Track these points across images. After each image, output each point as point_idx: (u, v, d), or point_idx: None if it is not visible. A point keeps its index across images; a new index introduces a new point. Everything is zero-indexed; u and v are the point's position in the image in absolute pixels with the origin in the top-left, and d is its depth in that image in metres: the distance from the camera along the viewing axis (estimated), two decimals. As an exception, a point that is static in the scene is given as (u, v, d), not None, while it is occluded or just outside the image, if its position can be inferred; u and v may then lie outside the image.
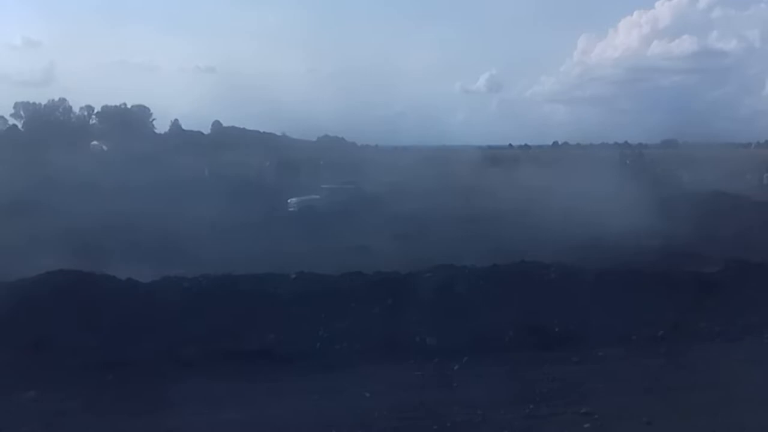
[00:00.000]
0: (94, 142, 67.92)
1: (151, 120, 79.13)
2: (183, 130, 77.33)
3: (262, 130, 72.97)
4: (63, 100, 76.44)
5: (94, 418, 8.38)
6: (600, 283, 12.77)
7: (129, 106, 77.52)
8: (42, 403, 8.77)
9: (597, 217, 22.95)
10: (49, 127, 69.62)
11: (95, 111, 77.79)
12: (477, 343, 10.74)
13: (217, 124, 78.88)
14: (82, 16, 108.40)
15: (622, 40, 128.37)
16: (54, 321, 10.53)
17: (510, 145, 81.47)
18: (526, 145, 75.96)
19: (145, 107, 78.17)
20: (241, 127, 75.04)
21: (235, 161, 52.96)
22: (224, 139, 68.71)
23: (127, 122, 73.46)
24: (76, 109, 77.63)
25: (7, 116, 72.99)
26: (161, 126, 79.89)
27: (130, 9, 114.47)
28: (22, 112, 74.36)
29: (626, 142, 73.39)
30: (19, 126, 73.84)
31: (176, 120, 79.24)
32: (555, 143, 76.27)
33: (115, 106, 76.96)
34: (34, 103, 75.51)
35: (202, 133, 76.73)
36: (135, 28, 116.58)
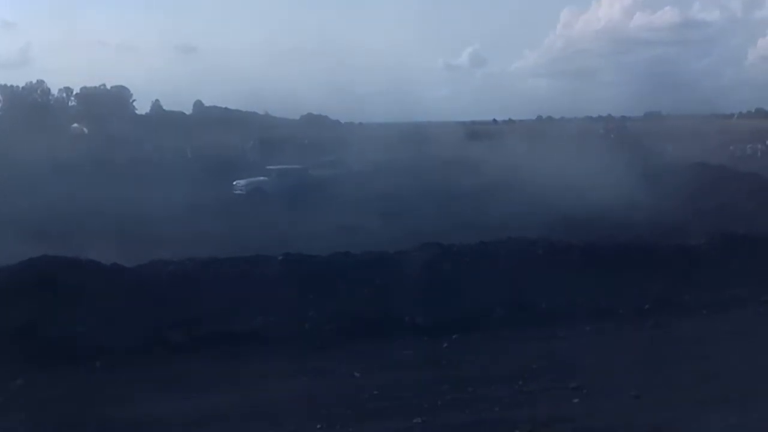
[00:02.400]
0: (75, 125, 66.98)
1: (131, 101, 78.18)
2: (164, 110, 76.47)
3: (244, 110, 72.31)
4: (41, 82, 75.33)
5: (83, 405, 8.32)
6: (586, 258, 12.85)
7: (109, 87, 76.48)
8: (30, 390, 8.69)
9: (581, 191, 23.06)
10: (27, 109, 68.53)
11: (74, 93, 76.68)
12: (465, 320, 10.78)
13: (198, 104, 78.11)
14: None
15: (605, 12, 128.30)
16: (39, 308, 10.40)
17: (494, 120, 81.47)
18: (510, 119, 75.93)
19: (125, 88, 77.17)
20: (223, 106, 74.32)
21: (218, 141, 52.46)
22: (206, 119, 68.00)
23: (107, 104, 72.49)
24: (54, 91, 76.53)
25: (-17, 99, 71.78)
26: (142, 107, 79.06)
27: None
28: (0, 95, 73.13)
29: (609, 114, 73.69)
30: (-3, 109, 72.68)
31: (157, 100, 78.39)
32: (539, 117, 76.24)
33: (95, 87, 75.87)
34: (11, 86, 74.33)
35: (184, 114, 75.91)
36: (114, 8, 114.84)
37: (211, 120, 65.45)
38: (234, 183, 33.39)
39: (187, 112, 76.82)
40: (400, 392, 8.44)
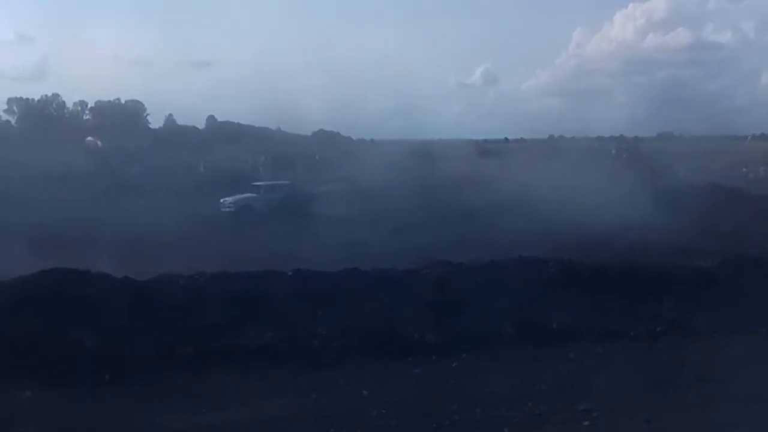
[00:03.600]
0: (89, 138, 67.60)
1: (145, 115, 78.72)
2: (177, 125, 76.96)
3: (257, 125, 72.65)
4: (56, 96, 75.98)
5: (91, 417, 8.32)
6: (597, 279, 12.77)
7: (123, 101, 77.08)
8: (39, 402, 8.70)
9: (593, 211, 22.95)
10: (42, 122, 69.22)
11: (89, 106, 77.33)
12: (475, 340, 10.71)
13: (211, 119, 78.52)
14: (75, 11, 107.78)
15: (618, 32, 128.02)
16: (50, 320, 10.44)
17: (506, 138, 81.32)
18: (522, 138, 75.77)
19: (139, 102, 77.75)
20: (236, 121, 74.74)
21: (230, 156, 52.75)
22: (219, 133, 68.39)
23: (121, 117, 73.08)
24: (69, 105, 77.19)
25: (0, 112, 72.55)
26: (156, 121, 79.53)
27: (124, 3, 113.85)
28: (15, 108, 73.91)
29: (622, 135, 73.45)
30: (13, 122, 73.42)
31: (170, 115, 78.87)
32: (551, 136, 76.02)
33: (109, 101, 76.48)
34: (27, 99, 75.06)
35: (197, 128, 76.36)
36: (128, 23, 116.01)
37: (223, 135, 65.79)
38: (222, 200, 32.38)
39: (200, 127, 77.32)
40: (409, 411, 8.39)
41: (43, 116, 72.42)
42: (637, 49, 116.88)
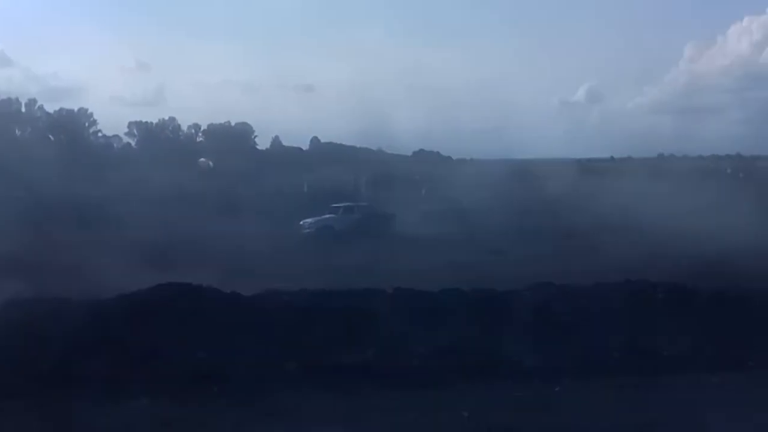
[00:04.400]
0: (201, 159, 71.02)
1: (253, 137, 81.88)
2: (283, 146, 79.57)
3: (358, 146, 73.99)
4: (172, 119, 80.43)
5: (199, 428, 8.68)
6: (712, 305, 12.09)
7: (233, 123, 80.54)
8: (152, 411, 9.15)
9: (707, 234, 21.84)
10: (159, 144, 73.41)
11: (202, 129, 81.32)
12: (579, 364, 10.39)
13: (315, 140, 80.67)
14: (190, 40, 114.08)
15: (733, 47, 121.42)
16: (164, 331, 10.99)
17: (612, 157, 78.72)
18: (629, 156, 73.06)
19: (248, 125, 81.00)
20: (339, 142, 76.42)
21: (333, 176, 53.91)
22: (322, 154, 70.16)
23: (231, 139, 76.33)
24: (184, 128, 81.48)
25: (121, 135, 77.52)
26: (263, 142, 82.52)
27: (234, 32, 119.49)
28: (135, 131, 78.79)
29: (738, 153, 69.56)
30: (133, 144, 78.26)
31: (277, 136, 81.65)
32: (660, 155, 72.92)
33: (220, 124, 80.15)
34: (146, 122, 79.83)
35: (301, 149, 78.64)
36: (238, 50, 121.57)
37: (326, 156, 67.41)
38: (301, 222, 32.91)
39: (304, 148, 79.55)
40: (511, 435, 8.22)
41: (160, 139, 76.78)
42: (753, 64, 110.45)
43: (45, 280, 15.87)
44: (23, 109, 72.40)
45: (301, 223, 32.90)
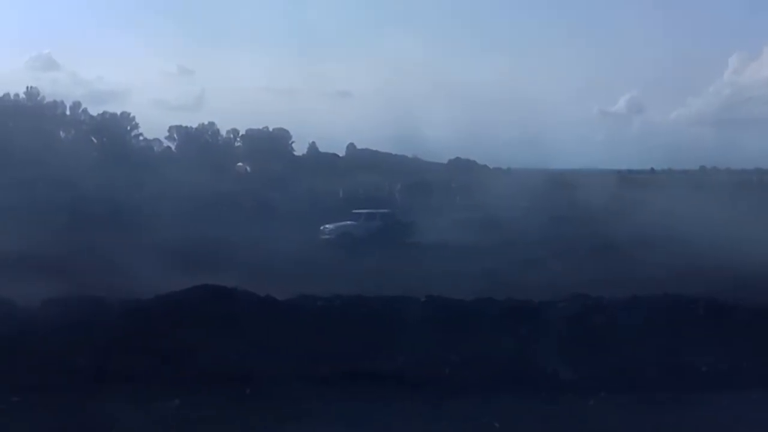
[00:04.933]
0: (239, 164, 71.84)
1: (290, 142, 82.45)
2: (319, 152, 79.99)
3: (394, 153, 74.00)
4: (212, 124, 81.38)
5: (231, 429, 8.73)
6: (752, 320, 11.76)
7: (271, 129, 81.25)
8: (185, 411, 9.24)
9: (747, 248, 21.32)
10: (198, 148, 74.42)
11: (240, 134, 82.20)
12: (614, 378, 10.19)
13: (351, 147, 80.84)
14: (230, 46, 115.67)
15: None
16: (198, 333, 11.10)
17: (652, 169, 77.36)
18: (670, 168, 71.72)
19: (285, 130, 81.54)
20: (374, 149, 76.52)
21: (368, 183, 54.08)
22: (358, 161, 70.34)
23: (268, 145, 77.06)
24: (223, 132, 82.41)
25: (162, 138, 78.79)
26: (299, 148, 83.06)
27: (273, 38, 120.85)
28: (175, 135, 79.92)
29: (783, 167, 67.64)
30: (173, 148, 79.49)
31: (313, 142, 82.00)
32: (702, 167, 71.41)
33: (258, 129, 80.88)
34: (186, 127, 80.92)
35: (337, 156, 78.92)
36: (276, 56, 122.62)
37: (362, 162, 67.56)
38: (321, 228, 32.88)
39: (340, 154, 79.84)
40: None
41: (199, 143, 77.78)
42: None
43: (83, 280, 16.20)
44: (68, 112, 74.06)
45: (322, 228, 32.82)
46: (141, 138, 77.51)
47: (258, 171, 65.60)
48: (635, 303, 12.22)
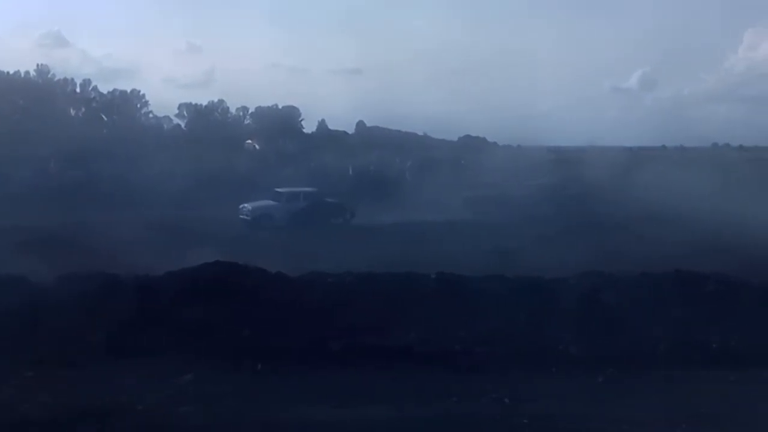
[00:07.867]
0: (248, 141, 71.77)
1: (299, 120, 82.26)
2: (329, 129, 79.77)
3: (404, 130, 73.70)
4: (221, 101, 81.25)
5: (245, 403, 8.84)
6: (763, 297, 11.76)
7: (280, 106, 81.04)
8: (198, 386, 9.35)
9: (762, 226, 21.20)
10: (208, 126, 74.43)
11: (249, 111, 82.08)
12: (624, 355, 10.24)
13: (361, 124, 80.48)
14: (240, 24, 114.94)
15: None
16: (210, 309, 11.21)
17: (663, 146, 76.73)
18: (681, 146, 71.03)
19: (294, 108, 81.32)
20: (384, 127, 76.21)
21: (378, 160, 53.97)
22: (368, 138, 70.11)
23: (277, 122, 76.91)
24: (232, 110, 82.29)
25: (172, 116, 78.81)
26: (309, 126, 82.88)
27: (283, 15, 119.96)
28: (185, 113, 79.90)
29: (798, 144, 66.94)
30: (182, 125, 79.53)
31: (323, 120, 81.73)
32: (714, 144, 70.73)
33: (268, 107, 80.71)
34: (195, 104, 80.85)
35: (347, 133, 78.67)
36: (286, 33, 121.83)
37: (372, 140, 67.34)
38: (240, 207, 29.47)
39: (350, 132, 79.62)
40: (551, 424, 8.15)
41: (209, 121, 77.77)
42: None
43: (95, 257, 16.33)
44: (78, 90, 74.09)
45: (240, 207, 29.51)
46: (151, 115, 77.54)
47: (267, 148, 65.52)
48: (646, 280, 12.23)
